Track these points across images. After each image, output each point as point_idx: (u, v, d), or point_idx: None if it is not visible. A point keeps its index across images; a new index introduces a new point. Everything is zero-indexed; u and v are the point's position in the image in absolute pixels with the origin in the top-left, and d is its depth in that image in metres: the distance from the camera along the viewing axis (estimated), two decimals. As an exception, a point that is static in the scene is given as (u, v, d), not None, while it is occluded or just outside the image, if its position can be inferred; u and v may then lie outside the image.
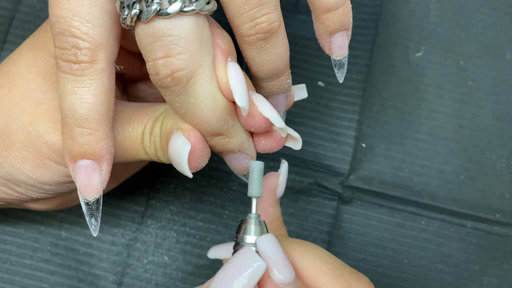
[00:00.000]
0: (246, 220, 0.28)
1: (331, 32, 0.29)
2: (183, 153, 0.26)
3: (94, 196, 0.27)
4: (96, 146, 0.26)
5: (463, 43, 0.44)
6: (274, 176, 0.32)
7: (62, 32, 0.25)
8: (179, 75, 0.24)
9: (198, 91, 0.25)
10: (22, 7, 0.44)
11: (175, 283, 0.40)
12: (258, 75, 0.28)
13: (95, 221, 0.28)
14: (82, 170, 0.26)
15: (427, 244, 0.40)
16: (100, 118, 0.26)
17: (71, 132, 0.26)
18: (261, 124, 0.27)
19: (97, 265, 0.40)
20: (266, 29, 0.26)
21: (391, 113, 0.42)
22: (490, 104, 0.43)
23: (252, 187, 0.28)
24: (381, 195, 0.41)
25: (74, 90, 0.25)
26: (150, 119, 0.28)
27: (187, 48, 0.24)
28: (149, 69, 0.25)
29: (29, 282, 0.39)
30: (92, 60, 0.25)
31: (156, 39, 0.24)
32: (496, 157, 0.42)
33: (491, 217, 0.41)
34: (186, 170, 0.27)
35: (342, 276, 0.27)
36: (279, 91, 0.30)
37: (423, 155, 0.42)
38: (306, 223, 0.41)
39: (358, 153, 0.42)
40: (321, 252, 0.28)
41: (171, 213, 0.41)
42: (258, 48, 0.27)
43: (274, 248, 0.26)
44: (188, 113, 0.26)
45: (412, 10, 0.44)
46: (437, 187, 0.41)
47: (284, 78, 0.29)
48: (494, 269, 0.40)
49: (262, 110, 0.27)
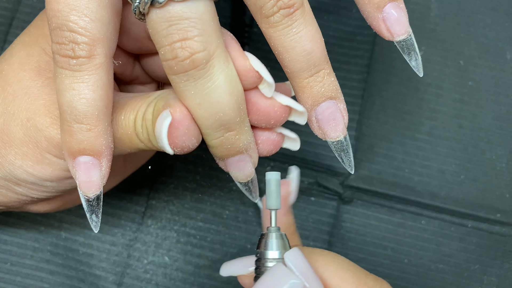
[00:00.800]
0: (267, 234, 0.27)
1: (379, 4, 0.26)
2: (163, 125, 0.25)
3: (94, 192, 0.27)
4: (95, 142, 0.26)
5: (463, 43, 0.44)
6: (285, 184, 0.31)
7: (59, 26, 0.24)
8: (198, 56, 0.24)
9: (216, 74, 0.24)
10: (22, 7, 0.44)
11: (175, 283, 0.40)
12: (293, 66, 0.26)
13: (96, 218, 0.28)
14: (81, 166, 0.26)
15: (427, 244, 0.40)
16: (99, 113, 0.25)
17: (70, 129, 0.25)
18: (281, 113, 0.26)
19: (97, 265, 0.40)
20: (289, 4, 0.25)
21: (391, 113, 0.42)
22: (490, 104, 0.43)
23: (271, 199, 0.27)
24: (382, 195, 0.41)
25: (72, 86, 0.25)
26: (143, 105, 0.27)
27: (204, 30, 0.24)
28: (165, 54, 0.24)
29: (30, 282, 0.39)
30: (90, 55, 0.25)
31: (172, 23, 0.23)
32: (496, 157, 0.42)
33: (491, 217, 0.41)
34: (165, 145, 0.26)
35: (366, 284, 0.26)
36: (324, 91, 0.27)
37: (423, 155, 0.42)
38: (306, 223, 0.41)
39: (358, 153, 0.42)
40: (342, 260, 0.27)
41: (171, 213, 0.41)
42: (285, 27, 0.25)
43: (302, 263, 0.26)
44: (204, 101, 0.25)
45: (412, 10, 0.44)
46: (438, 187, 0.41)
47: (326, 73, 0.27)
48: (494, 269, 0.40)
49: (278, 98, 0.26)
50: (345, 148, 0.27)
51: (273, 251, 0.27)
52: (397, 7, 0.27)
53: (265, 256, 0.27)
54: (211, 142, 0.27)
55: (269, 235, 0.27)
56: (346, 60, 0.43)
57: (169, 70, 0.24)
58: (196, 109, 0.25)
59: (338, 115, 0.27)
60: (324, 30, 0.47)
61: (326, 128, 0.27)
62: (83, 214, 0.40)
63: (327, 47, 0.43)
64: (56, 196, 0.33)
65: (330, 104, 0.27)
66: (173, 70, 0.24)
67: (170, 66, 0.24)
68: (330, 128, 0.27)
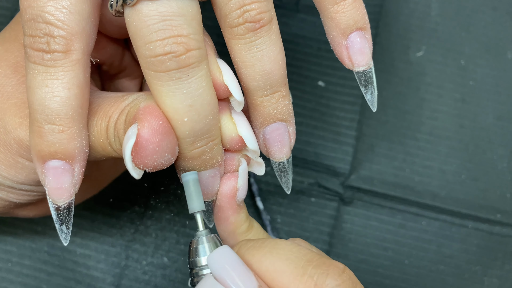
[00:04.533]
0: (195, 240, 0.25)
1: (345, 30, 0.26)
2: (126, 147, 0.23)
3: (65, 200, 0.25)
4: (68, 145, 0.24)
5: (464, 43, 0.44)
6: (230, 179, 0.27)
7: (34, 18, 0.22)
8: (194, 53, 0.23)
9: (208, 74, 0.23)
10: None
11: (174, 284, 0.39)
12: (249, 83, 0.25)
13: (66, 229, 0.25)
14: (51, 171, 0.24)
15: (428, 245, 0.40)
16: (73, 114, 0.23)
17: (40, 130, 0.23)
18: (237, 142, 0.25)
19: (95, 266, 0.39)
20: (256, 18, 0.24)
21: (392, 113, 0.42)
22: (491, 103, 0.42)
23: (192, 202, 0.25)
24: (382, 195, 0.41)
25: (45, 83, 0.23)
26: (115, 111, 0.25)
27: (198, 30, 0.23)
28: (154, 50, 0.22)
29: (29, 283, 0.39)
30: (66, 50, 0.23)
31: (166, 18, 0.22)
32: (497, 157, 0.42)
33: (492, 218, 0.41)
34: (130, 169, 0.24)
35: (305, 274, 0.23)
36: (276, 113, 0.26)
37: (424, 155, 0.42)
38: (306, 224, 0.40)
39: (358, 153, 0.42)
40: (282, 249, 0.24)
41: (171, 213, 0.40)
42: (247, 42, 0.24)
43: (230, 262, 0.23)
44: (197, 102, 0.23)
45: (413, 9, 0.44)
46: (438, 187, 0.41)
47: (282, 96, 0.26)
48: (495, 270, 0.40)
49: (238, 128, 0.25)
50: (286, 170, 0.27)
51: (205, 257, 0.24)
52: (363, 37, 0.26)
53: (198, 264, 0.25)
54: (190, 153, 0.25)
55: (197, 240, 0.25)
56: (346, 59, 0.43)
57: (158, 66, 0.23)
58: (187, 112, 0.23)
59: (285, 137, 0.27)
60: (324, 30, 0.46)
61: (271, 148, 0.27)
62: (80, 214, 0.39)
63: (327, 47, 0.43)
64: (41, 199, 0.31)
65: (280, 126, 0.26)
66: (164, 66, 0.22)
67: (161, 62, 0.22)
68: (275, 149, 0.27)
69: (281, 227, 0.40)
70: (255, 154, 0.26)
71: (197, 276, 0.25)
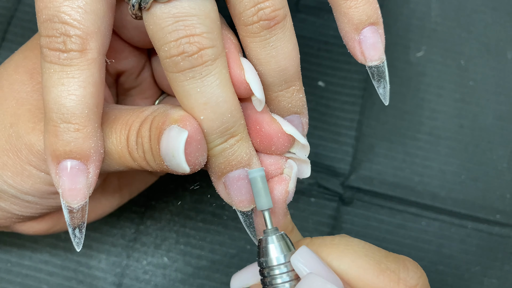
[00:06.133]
0: (265, 238, 0.25)
1: (358, 26, 0.26)
2: (179, 141, 0.23)
3: (79, 202, 0.24)
4: (83, 145, 0.23)
5: (464, 43, 0.44)
6: (281, 184, 0.27)
7: (50, 18, 0.23)
8: (207, 52, 0.23)
9: (223, 72, 0.23)
10: (22, 6, 0.44)
11: (174, 284, 0.39)
12: (264, 79, 0.26)
13: (79, 233, 0.25)
14: (66, 171, 0.24)
15: (427, 245, 0.40)
16: (89, 112, 0.23)
17: (55, 129, 0.23)
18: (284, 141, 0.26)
19: (96, 266, 0.39)
20: (270, 16, 0.24)
21: (392, 113, 0.42)
22: (491, 104, 0.42)
23: (260, 199, 0.25)
24: (382, 195, 0.41)
25: (61, 81, 0.23)
26: (136, 120, 0.25)
27: (212, 28, 0.23)
28: (169, 51, 0.23)
29: (29, 283, 0.39)
30: (82, 49, 0.23)
31: (179, 19, 0.22)
32: (497, 157, 0.42)
33: (491, 218, 0.41)
34: (182, 162, 0.23)
35: (388, 269, 0.24)
36: (291, 107, 0.27)
37: (423, 155, 0.42)
38: (306, 224, 0.40)
39: (358, 153, 0.42)
40: (357, 246, 0.24)
41: (171, 214, 0.41)
42: (262, 40, 0.24)
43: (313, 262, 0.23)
44: (211, 100, 0.23)
45: (413, 9, 0.44)
46: (438, 187, 0.41)
47: (296, 90, 0.26)
48: (494, 270, 0.40)
49: (283, 125, 0.26)
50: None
51: (277, 256, 0.24)
52: (375, 32, 0.26)
53: (270, 263, 0.24)
54: (213, 150, 0.25)
55: (268, 239, 0.24)
56: (346, 60, 0.43)
57: (173, 67, 0.23)
58: (202, 110, 0.23)
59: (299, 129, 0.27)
60: (324, 29, 0.46)
61: None
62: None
63: (328, 47, 0.43)
64: (43, 214, 0.31)
65: (294, 118, 0.27)
66: (178, 66, 0.23)
67: (175, 63, 0.23)
68: None
69: (281, 227, 0.40)
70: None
71: (269, 276, 0.24)
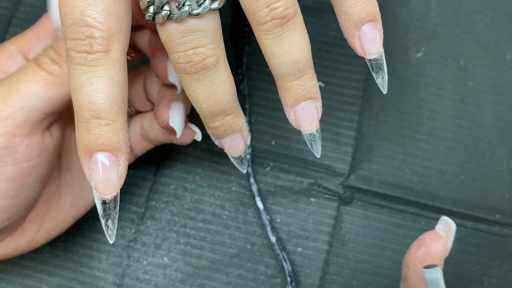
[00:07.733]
0: None
1: (357, 23, 0.28)
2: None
3: (112, 193, 0.26)
4: (114, 138, 0.25)
5: (463, 44, 0.44)
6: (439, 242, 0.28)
7: (76, 22, 0.24)
8: (209, 61, 0.26)
9: (222, 73, 0.27)
10: (22, 6, 0.44)
11: (174, 284, 0.39)
12: (279, 71, 0.28)
13: (112, 224, 0.27)
14: (98, 164, 0.26)
15: (427, 245, 0.40)
16: (117, 108, 0.25)
17: (87, 124, 0.25)
18: None
19: (97, 266, 0.40)
20: (282, 14, 0.26)
21: (391, 113, 0.42)
22: (491, 104, 0.43)
23: None
24: (381, 195, 0.41)
25: (90, 81, 0.25)
26: None
27: (213, 39, 0.26)
28: (179, 59, 0.26)
29: (30, 283, 0.39)
30: (107, 50, 0.25)
31: (186, 34, 0.25)
32: (497, 158, 0.42)
33: (491, 218, 0.41)
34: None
35: None
36: (305, 94, 0.29)
37: (423, 155, 0.42)
38: (306, 223, 0.41)
39: (358, 153, 0.42)
40: None
41: (171, 214, 0.41)
42: (276, 37, 0.27)
43: None
44: (212, 94, 0.27)
45: (412, 10, 0.44)
46: (437, 187, 0.41)
47: (309, 78, 0.28)
48: (494, 270, 0.40)
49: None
50: (316, 139, 0.30)
51: None
52: (374, 28, 0.28)
53: None
54: (212, 125, 0.29)
55: None
56: (346, 60, 0.43)
57: (182, 71, 0.26)
58: (204, 101, 0.28)
59: (314, 113, 0.30)
60: (324, 30, 0.46)
61: (302, 123, 0.30)
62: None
63: (327, 47, 0.43)
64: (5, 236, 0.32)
65: (308, 103, 0.29)
66: (186, 71, 0.26)
67: (183, 68, 0.26)
68: (306, 124, 0.30)
69: (280, 227, 0.40)
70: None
71: None
